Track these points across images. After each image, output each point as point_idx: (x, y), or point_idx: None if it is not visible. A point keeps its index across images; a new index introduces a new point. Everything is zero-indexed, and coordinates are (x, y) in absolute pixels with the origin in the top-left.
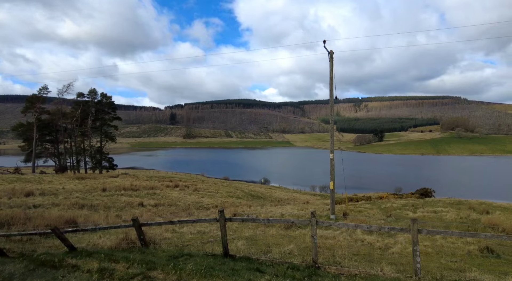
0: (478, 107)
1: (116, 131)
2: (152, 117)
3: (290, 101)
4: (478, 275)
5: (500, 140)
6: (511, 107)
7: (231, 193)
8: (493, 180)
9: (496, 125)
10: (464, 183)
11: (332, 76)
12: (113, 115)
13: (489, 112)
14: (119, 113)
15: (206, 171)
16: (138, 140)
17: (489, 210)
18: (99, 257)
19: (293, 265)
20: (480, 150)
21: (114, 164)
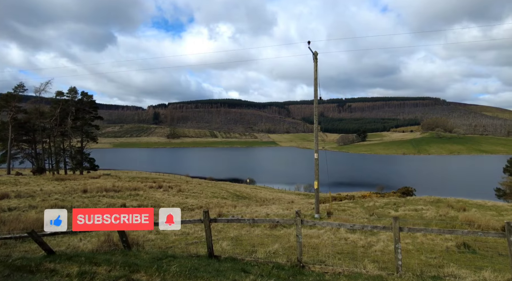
0: (456, 108)
1: (98, 131)
2: (135, 117)
3: (275, 101)
4: (456, 270)
5: (476, 140)
6: (485, 108)
7: (216, 193)
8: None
9: (472, 126)
10: (443, 182)
11: (317, 77)
12: (94, 114)
13: (466, 113)
14: (100, 113)
15: (190, 172)
16: (120, 140)
17: (466, 208)
18: (79, 261)
19: (278, 264)
20: (458, 149)
21: (96, 164)
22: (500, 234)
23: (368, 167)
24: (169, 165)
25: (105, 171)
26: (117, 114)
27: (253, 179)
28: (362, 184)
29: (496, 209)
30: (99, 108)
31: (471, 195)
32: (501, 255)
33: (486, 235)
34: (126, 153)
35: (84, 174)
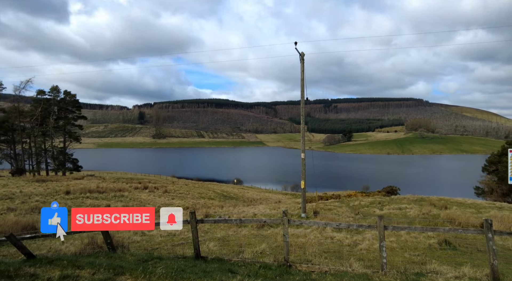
0: (438, 109)
1: (81, 131)
2: (120, 117)
3: (263, 101)
4: (437, 267)
5: (456, 140)
6: (465, 109)
7: (203, 194)
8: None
9: (454, 127)
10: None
11: (303, 78)
12: (77, 114)
13: (447, 114)
14: (84, 112)
15: (177, 172)
16: (105, 140)
17: (447, 206)
18: (61, 264)
19: (265, 264)
20: (440, 149)
21: (79, 165)
22: (478, 231)
23: (354, 167)
24: (155, 166)
25: (89, 171)
26: (101, 113)
27: (240, 179)
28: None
29: (475, 207)
30: (83, 108)
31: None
32: (479, 251)
33: (466, 232)
34: (111, 153)
35: (67, 175)
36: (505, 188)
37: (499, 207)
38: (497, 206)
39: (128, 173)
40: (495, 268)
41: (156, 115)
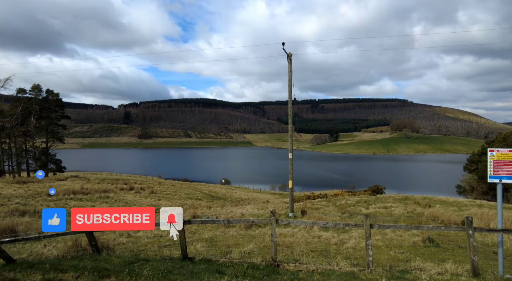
0: (422, 110)
1: (65, 131)
2: (105, 116)
3: (251, 101)
4: (421, 264)
5: (440, 140)
6: (448, 110)
7: (190, 194)
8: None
9: (437, 127)
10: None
11: (291, 78)
12: (61, 113)
13: (431, 115)
14: (68, 112)
15: (163, 173)
16: (89, 140)
17: (431, 204)
18: (43, 268)
19: (253, 264)
20: (424, 149)
21: (63, 166)
22: (460, 228)
23: (341, 166)
24: (141, 166)
25: (73, 172)
26: (85, 113)
27: (228, 180)
28: (335, 182)
29: (457, 205)
30: (66, 107)
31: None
32: (461, 247)
33: (448, 229)
34: (96, 153)
35: (49, 176)
36: (485, 186)
37: (479, 204)
38: (477, 203)
39: (114, 174)
40: (475, 263)
41: (142, 115)
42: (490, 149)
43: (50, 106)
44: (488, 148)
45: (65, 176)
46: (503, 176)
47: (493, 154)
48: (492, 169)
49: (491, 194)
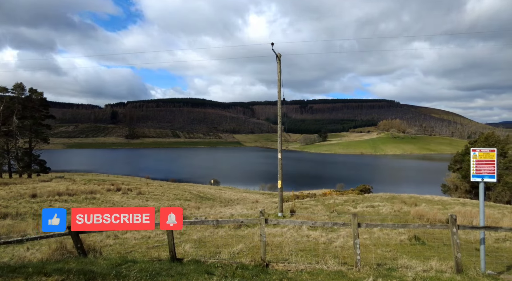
0: (408, 110)
1: (49, 131)
2: (91, 116)
3: (240, 101)
4: (407, 262)
5: (425, 140)
6: (433, 110)
7: (179, 195)
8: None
9: (423, 127)
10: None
11: (280, 79)
12: (45, 113)
13: (417, 115)
14: (52, 111)
15: (151, 173)
16: (75, 140)
17: (417, 203)
18: (25, 272)
19: (242, 264)
20: (410, 148)
21: (47, 166)
22: (444, 226)
23: (329, 166)
24: (128, 167)
25: (58, 173)
26: (71, 113)
27: (217, 180)
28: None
29: (442, 203)
30: (51, 107)
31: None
32: (445, 245)
33: (433, 227)
34: (82, 154)
35: (33, 177)
36: (468, 185)
37: (463, 203)
38: (461, 202)
39: (100, 175)
40: (458, 260)
41: (130, 115)
42: (472, 149)
43: (34, 106)
44: (471, 148)
45: (50, 177)
46: (485, 175)
47: (476, 154)
48: (475, 168)
49: (473, 192)
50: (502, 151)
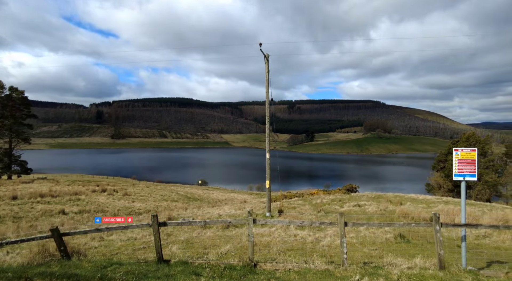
0: (394, 111)
1: (31, 131)
2: (76, 116)
3: (228, 101)
4: (393, 259)
5: (410, 140)
6: (417, 111)
7: (166, 196)
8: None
9: (407, 127)
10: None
11: (268, 79)
12: (26, 112)
13: (402, 116)
14: (35, 111)
15: (137, 174)
16: (59, 141)
17: (402, 202)
18: (5, 277)
19: (230, 265)
20: (395, 148)
21: (29, 167)
22: (428, 224)
23: (316, 166)
24: (114, 167)
25: (41, 174)
26: (54, 112)
27: (205, 180)
28: (311, 182)
29: (426, 202)
30: (33, 106)
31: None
32: (429, 242)
33: (418, 225)
34: (66, 154)
35: (13, 179)
36: (451, 184)
37: (446, 201)
38: (444, 200)
39: (85, 175)
40: (441, 257)
41: (115, 115)
42: (455, 149)
43: (14, 105)
44: (453, 148)
45: (32, 178)
46: (466, 174)
47: (458, 154)
48: (457, 167)
49: (456, 191)
50: (482, 151)
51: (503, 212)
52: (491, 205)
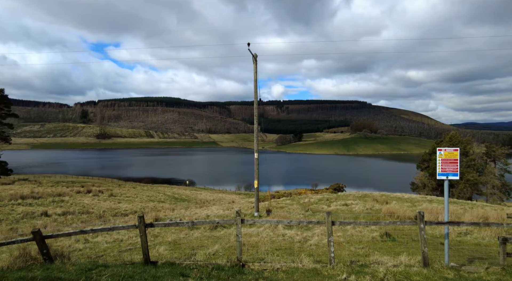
0: (380, 111)
1: (11, 130)
2: (59, 115)
3: (216, 101)
4: (379, 258)
5: (396, 140)
6: (403, 112)
7: (153, 197)
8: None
9: (393, 128)
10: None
11: (256, 79)
12: (6, 111)
13: (388, 116)
14: (15, 110)
15: (123, 174)
16: (41, 141)
17: (388, 201)
18: None
19: (218, 265)
20: (381, 148)
21: (9, 168)
22: (413, 222)
23: (304, 166)
24: (99, 168)
25: (22, 175)
26: (37, 111)
27: (193, 181)
28: (299, 181)
29: (411, 201)
30: (14, 104)
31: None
32: (414, 240)
33: (403, 224)
34: (49, 155)
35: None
36: (435, 182)
37: (430, 200)
38: (428, 199)
39: (69, 176)
40: (425, 254)
41: (101, 114)
42: (438, 148)
43: None
44: (437, 148)
45: (12, 179)
46: (449, 173)
47: (441, 153)
48: (441, 166)
49: (439, 190)
50: (464, 150)
51: (483, 209)
52: (472, 203)
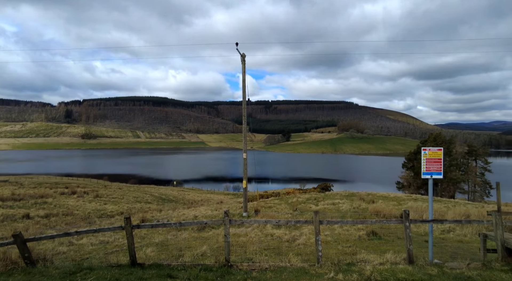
0: (366, 111)
1: None
2: (42, 115)
3: (204, 101)
4: (366, 256)
5: (382, 140)
6: (389, 112)
7: (139, 198)
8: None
9: (379, 128)
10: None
11: (245, 79)
12: None
13: (374, 116)
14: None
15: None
16: (23, 141)
17: (374, 200)
18: None
19: (206, 266)
20: (368, 148)
21: None
22: (399, 221)
23: (292, 165)
24: (84, 169)
25: (2, 177)
26: (18, 111)
27: (180, 181)
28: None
29: (397, 200)
30: None
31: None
32: (399, 238)
33: (389, 222)
34: (31, 155)
35: None
36: (420, 181)
37: (415, 198)
38: (413, 197)
39: (53, 177)
40: (410, 252)
41: (86, 114)
42: (423, 148)
43: None
44: (422, 147)
45: None
46: (433, 172)
47: (426, 153)
48: (425, 166)
49: (424, 188)
50: (447, 150)
51: (465, 207)
52: (455, 201)
